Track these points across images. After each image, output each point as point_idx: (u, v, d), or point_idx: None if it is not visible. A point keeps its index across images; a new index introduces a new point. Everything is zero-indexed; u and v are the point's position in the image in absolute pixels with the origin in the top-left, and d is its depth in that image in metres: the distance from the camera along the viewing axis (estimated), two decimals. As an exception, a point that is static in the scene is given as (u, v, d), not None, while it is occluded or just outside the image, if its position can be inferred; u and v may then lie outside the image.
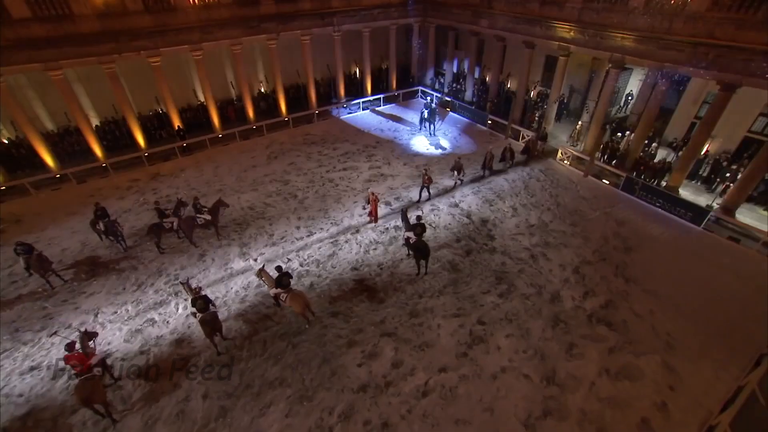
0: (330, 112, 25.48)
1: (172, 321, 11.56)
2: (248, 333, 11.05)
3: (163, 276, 13.14)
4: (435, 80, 29.13)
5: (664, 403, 9.37)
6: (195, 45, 19.68)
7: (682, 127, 19.72)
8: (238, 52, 21.11)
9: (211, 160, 20.19)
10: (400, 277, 12.89)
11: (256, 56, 24.81)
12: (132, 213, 16.31)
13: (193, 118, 23.14)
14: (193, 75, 22.64)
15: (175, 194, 17.04)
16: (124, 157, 19.43)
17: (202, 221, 14.33)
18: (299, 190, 17.50)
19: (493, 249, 13.97)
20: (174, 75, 21.37)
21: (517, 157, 19.26)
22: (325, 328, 11.15)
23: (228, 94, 24.67)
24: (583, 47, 18.38)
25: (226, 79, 24.19)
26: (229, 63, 22.74)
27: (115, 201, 17.07)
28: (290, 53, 24.33)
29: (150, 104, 22.64)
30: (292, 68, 24.98)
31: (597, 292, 12.28)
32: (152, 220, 14.54)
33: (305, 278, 12.85)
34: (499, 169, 18.75)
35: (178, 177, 18.80)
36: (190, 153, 20.89)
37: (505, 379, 9.81)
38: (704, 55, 14.30)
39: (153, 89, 20.90)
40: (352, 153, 20.65)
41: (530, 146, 19.40)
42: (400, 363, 10.21)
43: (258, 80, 25.84)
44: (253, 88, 25.19)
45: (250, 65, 23.97)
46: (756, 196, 16.12)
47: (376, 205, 14.88)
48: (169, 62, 20.27)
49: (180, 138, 20.89)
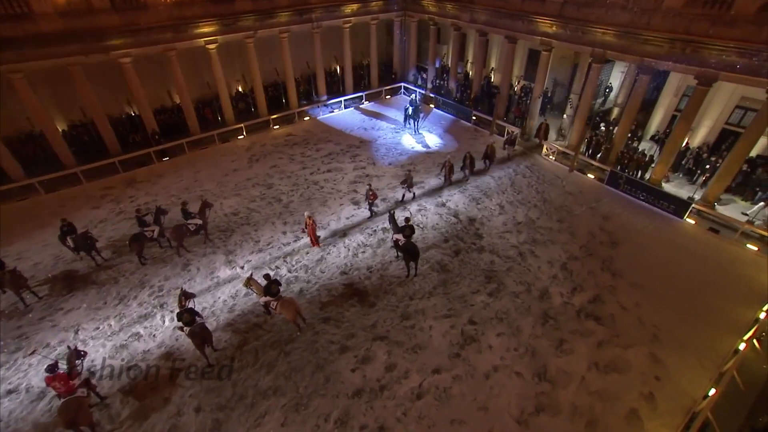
0: (311, 111, 25.64)
1: (159, 334, 11.65)
2: (239, 343, 11.26)
3: (147, 288, 13.18)
4: (418, 76, 29.56)
5: (651, 394, 10.02)
6: (168, 44, 19.57)
7: (664, 120, 20.64)
8: (213, 51, 21.05)
9: (189, 165, 20.16)
10: (389, 279, 13.27)
11: (233, 54, 24.73)
12: (108, 223, 16.22)
13: (169, 120, 22.94)
14: (167, 75, 22.40)
15: (154, 202, 17.03)
16: (96, 164, 19.16)
17: (194, 227, 14.42)
18: (283, 194, 17.68)
19: (482, 248, 14.48)
20: (146, 75, 21.05)
21: (495, 162, 19.11)
22: (316, 335, 11.45)
23: (205, 95, 24.45)
24: (564, 42, 19.05)
25: (202, 79, 24.01)
26: (204, 62, 22.61)
27: (89, 210, 16.94)
28: (268, 50, 24.32)
29: (121, 107, 22.34)
30: (271, 66, 25.01)
31: (585, 287, 12.92)
32: (132, 230, 14.53)
33: (294, 285, 13.11)
34: (459, 179, 18.42)
35: (156, 183, 18.73)
36: (168, 158, 20.79)
37: (497, 378, 10.31)
38: (681, 50, 15.10)
39: (124, 91, 20.64)
40: (335, 154, 20.92)
41: (488, 151, 18.74)
42: (394, 366, 10.60)
43: (235, 79, 25.76)
44: (230, 88, 25.14)
45: (226, 64, 23.87)
46: (734, 186, 17.08)
47: (313, 230, 14.07)
48: (141, 62, 20.01)
49: (155, 142, 20.74)
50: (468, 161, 17.82)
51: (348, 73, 26.92)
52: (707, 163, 17.68)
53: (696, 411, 9.50)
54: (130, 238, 13.82)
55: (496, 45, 26.39)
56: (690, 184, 18.00)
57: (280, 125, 24.01)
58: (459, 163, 18.32)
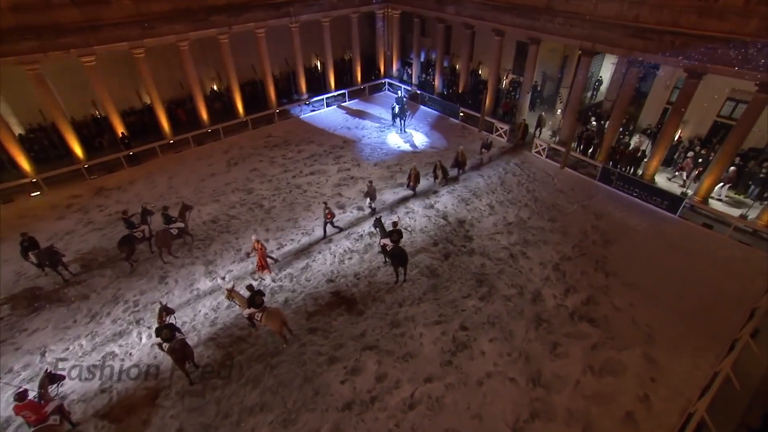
0: (291, 110, 25.75)
1: (136, 352, 11.63)
2: (222, 358, 11.34)
3: (121, 303, 13.11)
4: (402, 71, 29.86)
5: (646, 396, 10.41)
6: (135, 42, 19.36)
7: (655, 113, 21.26)
8: (185, 49, 20.99)
9: (163, 170, 20.10)
10: (378, 286, 13.49)
11: (207, 51, 24.65)
12: (76, 235, 16.03)
13: (139, 122, 22.79)
14: (135, 74, 22.19)
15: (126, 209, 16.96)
16: (59, 170, 18.86)
17: (176, 231, 14.61)
18: (265, 199, 17.78)
19: (472, 251, 14.80)
20: (112, 75, 20.81)
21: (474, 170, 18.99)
22: (303, 346, 11.60)
23: (177, 95, 24.38)
24: (552, 35, 19.52)
25: (174, 78, 23.88)
26: (176, 60, 22.51)
27: (54, 222, 16.67)
28: (244, 47, 24.28)
29: (85, 108, 21.98)
30: (247, 63, 25.04)
31: (578, 288, 13.33)
32: (105, 240, 14.44)
33: (279, 294, 13.24)
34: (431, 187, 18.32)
35: (127, 191, 18.62)
36: (139, 163, 20.68)
37: (491, 385, 10.60)
38: (670, 43, 15.64)
39: (88, 91, 20.29)
40: (318, 155, 21.07)
41: (459, 158, 18.52)
42: (384, 376, 10.82)
43: (210, 78, 25.73)
44: (204, 87, 25.09)
45: (200, 61, 23.80)
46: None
47: (262, 254, 13.46)
48: (106, 61, 19.71)
49: (125, 146, 20.59)
50: (438, 170, 17.65)
51: (329, 70, 27.05)
52: (699, 156, 18.28)
53: (692, 411, 9.91)
54: (120, 241, 13.92)
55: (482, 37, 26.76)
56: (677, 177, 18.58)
57: (259, 126, 24.04)
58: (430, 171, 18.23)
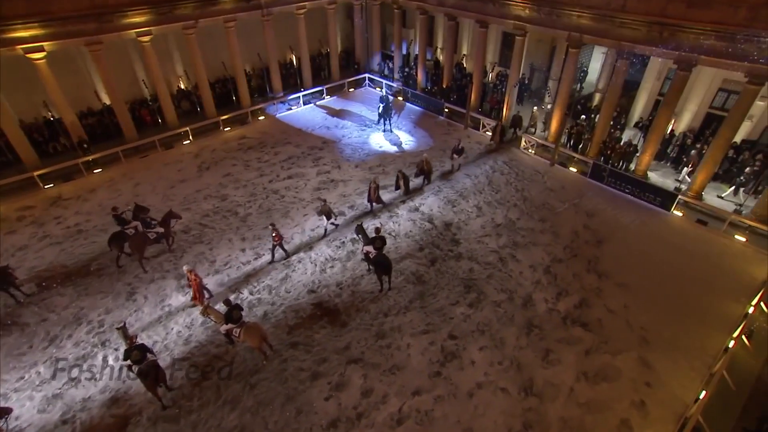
0: (266, 109, 25.75)
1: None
2: (197, 379, 11.36)
3: (84, 324, 12.92)
4: (384, 65, 30.05)
5: (641, 401, 10.80)
6: (90, 37, 18.90)
7: (647, 105, 21.86)
8: (148, 44, 20.81)
9: (127, 177, 19.93)
10: (362, 295, 13.66)
11: (171, 46, 24.53)
12: (30, 250, 15.64)
13: (98, 125, 22.47)
14: (93, 72, 21.93)
15: (87, 222, 16.87)
16: (8, 180, 18.31)
17: (154, 235, 14.73)
18: (240, 206, 17.79)
19: (459, 255, 15.08)
20: (66, 73, 20.34)
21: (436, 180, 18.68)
22: (284, 362, 11.70)
23: (140, 94, 24.16)
24: (539, 26, 19.94)
25: (136, 76, 23.67)
26: (137, 56, 22.28)
27: (3, 237, 16.22)
28: (213, 41, 24.23)
29: (36, 110, 21.41)
30: (217, 59, 24.93)
31: (570, 291, 13.71)
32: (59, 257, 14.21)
33: (257, 308, 13.31)
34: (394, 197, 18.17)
35: (87, 200, 18.36)
36: (100, 169, 20.39)
37: (482, 396, 10.86)
38: (659, 34, 16.16)
39: (39, 91, 19.79)
40: (296, 157, 21.14)
41: (424, 167, 18.18)
42: (371, 391, 10.99)
43: (176, 75, 25.56)
44: (171, 85, 24.93)
45: (164, 58, 23.64)
46: (721, 174, 18.35)
47: (197, 285, 12.97)
48: (58, 58, 19.17)
49: (83, 151, 20.27)
50: (400, 180, 17.45)
51: (306, 65, 27.12)
52: (692, 149, 18.88)
53: (688, 416, 10.31)
54: (110, 238, 14.22)
55: (467, 29, 27.17)
56: (677, 173, 19.18)
57: (231, 127, 24.00)
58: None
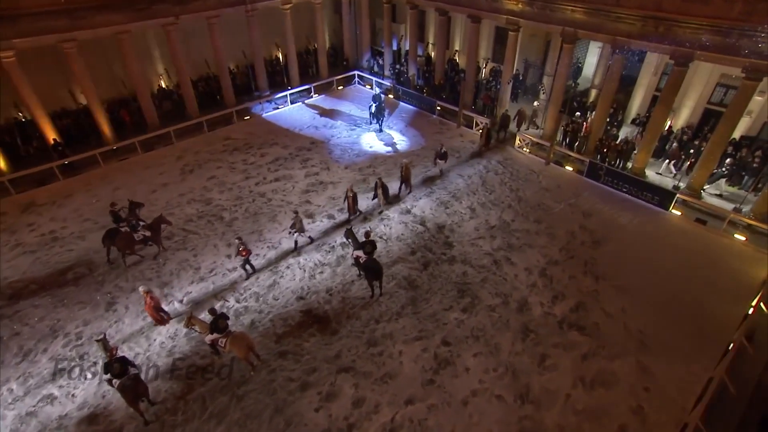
0: (252, 108, 25.76)
1: (80, 393, 11.38)
2: (182, 392, 11.35)
3: (60, 337, 12.81)
4: (373, 62, 30.14)
5: (640, 407, 10.94)
6: (63, 35, 18.70)
7: (645, 101, 22.14)
8: (126, 41, 20.67)
9: (106, 181, 19.83)
10: (352, 302, 13.73)
11: (152, 43, 24.43)
12: (1, 260, 15.47)
13: (75, 126, 22.30)
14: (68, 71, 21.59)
15: (63, 228, 16.78)
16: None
17: (141, 237, 14.91)
18: (225, 210, 17.79)
19: (453, 258, 15.19)
20: (40, 71, 20.12)
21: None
22: (273, 373, 11.73)
23: (119, 93, 23.95)
24: (532, 21, 20.14)
25: (114, 74, 23.44)
26: (116, 54, 22.09)
27: (-29, 246, 16.04)
28: (195, 38, 24.22)
29: (7, 110, 21.21)
30: (200, 56, 24.93)
31: (566, 294, 13.86)
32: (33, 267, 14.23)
33: (244, 316, 13.33)
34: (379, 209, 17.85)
35: (63, 206, 18.22)
36: (76, 173, 20.26)
37: (476, 404, 10.95)
38: (654, 28, 16.38)
39: (8, 91, 19.55)
40: (283, 159, 21.17)
41: (404, 174, 17.61)
42: (362, 400, 11.05)
43: (157, 74, 25.49)
44: (151, 84, 24.86)
45: (144, 55, 23.51)
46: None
47: (152, 307, 12.57)
48: (31, 55, 18.95)
49: (58, 154, 20.13)
50: (379, 188, 16.99)
51: (292, 62, 27.16)
52: (690, 147, 19.13)
53: (687, 422, 10.45)
54: (104, 234, 14.69)
55: (459, 24, 27.33)
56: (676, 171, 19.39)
57: (215, 127, 23.97)
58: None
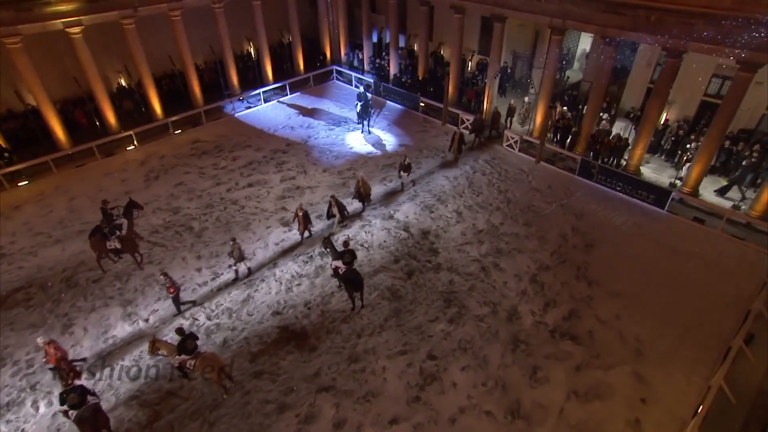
0: (223, 108, 25.72)
1: (31, 426, 11.18)
2: (148, 419, 11.26)
3: (9, 365, 12.57)
4: (352, 55, 30.27)
5: (637, 420, 11.14)
6: (7, 27, 18.29)
7: (638, 94, 22.55)
8: (78, 37, 20.40)
9: (60, 190, 19.60)
10: (332, 315, 13.78)
11: (109, 38, 24.09)
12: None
13: (22, 129, 22.00)
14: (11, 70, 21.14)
15: (12, 243, 16.49)
16: None
17: (112, 246, 14.93)
18: (194, 220, 17.73)
19: (438, 266, 15.35)
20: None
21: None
22: (247, 395, 11.71)
23: (72, 93, 23.51)
24: (518, 11, 20.43)
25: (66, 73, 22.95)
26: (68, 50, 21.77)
27: None
28: (157, 32, 24.00)
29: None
30: (162, 52, 24.70)
31: (558, 301, 14.09)
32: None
33: (216, 335, 13.28)
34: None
35: (11, 218, 17.94)
36: (26, 181, 19.98)
37: (465, 421, 11.07)
38: (645, 19, 16.72)
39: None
40: (257, 162, 21.17)
41: (360, 189, 17.28)
42: (344, 421, 11.10)
43: (115, 71, 25.20)
44: (109, 82, 24.56)
45: (100, 51, 23.15)
46: (718, 166, 19.09)
47: (57, 359, 11.64)
48: None
49: (5, 161, 19.86)
50: (334, 207, 16.59)
51: (265, 57, 27.12)
52: (687, 141, 19.56)
53: (686, 432, 10.71)
54: (91, 232, 14.84)
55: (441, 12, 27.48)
56: (672, 167, 19.88)
57: (182, 129, 23.92)
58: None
